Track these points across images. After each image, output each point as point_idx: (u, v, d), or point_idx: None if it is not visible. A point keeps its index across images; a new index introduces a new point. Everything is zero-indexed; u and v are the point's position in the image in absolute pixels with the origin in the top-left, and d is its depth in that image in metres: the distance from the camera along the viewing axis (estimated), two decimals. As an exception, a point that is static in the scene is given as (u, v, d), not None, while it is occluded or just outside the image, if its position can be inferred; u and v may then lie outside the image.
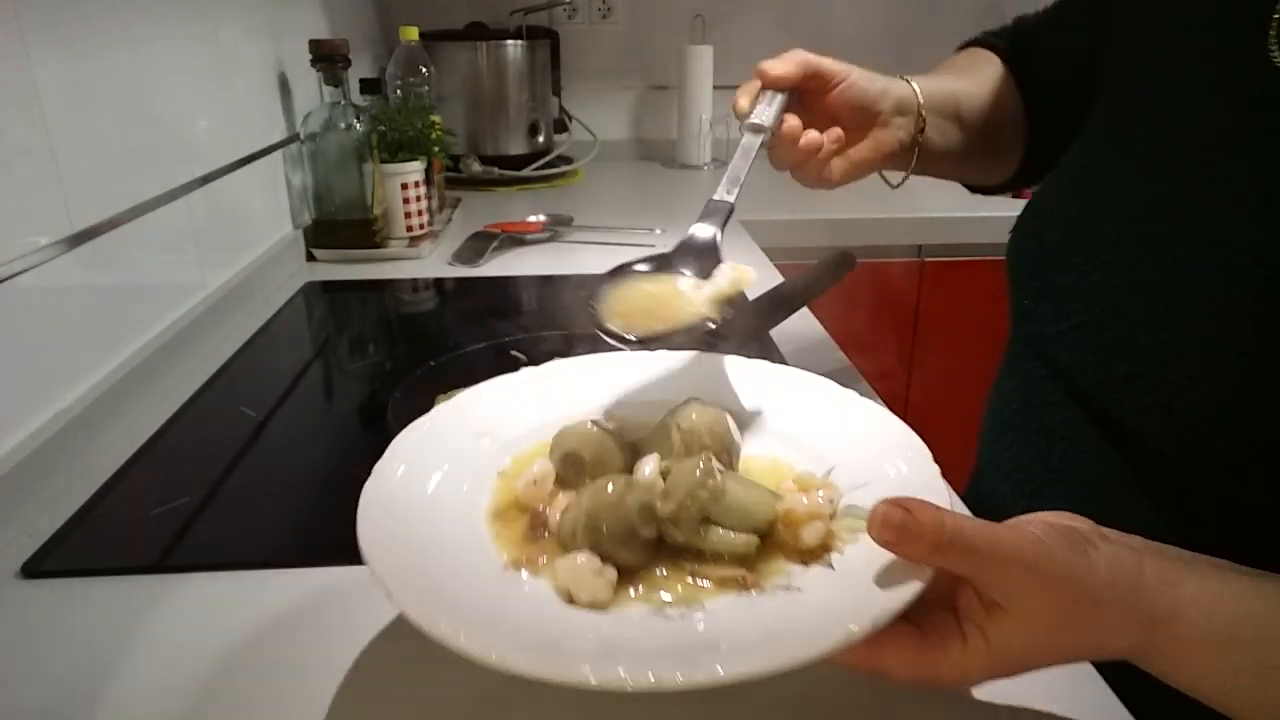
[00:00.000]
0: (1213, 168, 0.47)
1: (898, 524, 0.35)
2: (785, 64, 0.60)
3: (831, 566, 0.41)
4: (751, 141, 0.59)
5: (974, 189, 0.78)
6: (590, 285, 0.53)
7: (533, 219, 1.31)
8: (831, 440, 0.50)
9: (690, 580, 0.42)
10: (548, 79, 1.77)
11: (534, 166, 1.70)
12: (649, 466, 0.45)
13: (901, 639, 0.36)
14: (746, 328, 0.78)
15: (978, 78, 0.70)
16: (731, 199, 0.57)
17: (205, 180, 0.93)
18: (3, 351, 0.60)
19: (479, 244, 1.21)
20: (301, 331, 0.98)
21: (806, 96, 0.62)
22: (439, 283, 1.12)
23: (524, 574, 0.42)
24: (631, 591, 0.41)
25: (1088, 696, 0.44)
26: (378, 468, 0.45)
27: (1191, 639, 0.35)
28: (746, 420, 0.54)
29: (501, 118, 1.70)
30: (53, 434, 0.62)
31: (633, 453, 0.49)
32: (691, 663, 0.33)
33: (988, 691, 0.44)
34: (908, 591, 0.35)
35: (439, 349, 0.68)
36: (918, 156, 0.66)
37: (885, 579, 0.36)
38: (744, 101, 0.60)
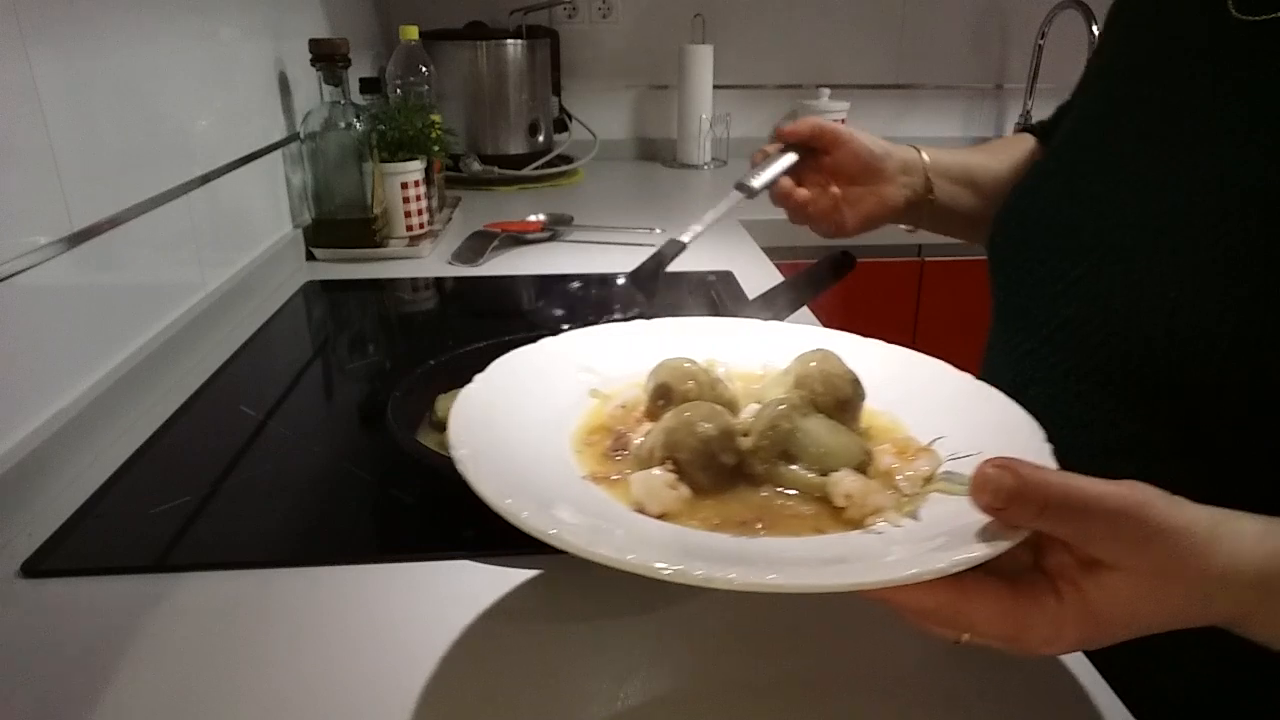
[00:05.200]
0: (1185, 113, 0.51)
1: (1009, 490, 0.32)
2: (799, 124, 0.72)
3: (917, 518, 0.39)
4: (735, 197, 0.71)
5: None
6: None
7: (533, 218, 1.31)
8: (947, 414, 0.48)
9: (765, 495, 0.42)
10: (548, 79, 1.77)
11: (534, 166, 1.70)
12: (751, 407, 0.46)
13: (990, 590, 0.33)
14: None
15: (1002, 154, 0.77)
16: (686, 240, 0.71)
17: (205, 180, 0.93)
18: (2, 351, 0.60)
19: (479, 243, 1.21)
20: (301, 331, 0.98)
21: (817, 155, 0.72)
22: (439, 282, 1.12)
23: (599, 488, 0.42)
24: (704, 514, 0.40)
25: (1089, 698, 0.44)
26: (479, 376, 0.46)
27: None
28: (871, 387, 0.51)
29: (501, 117, 1.70)
30: (52, 434, 0.62)
31: (727, 398, 0.48)
32: (747, 569, 0.32)
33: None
34: (995, 546, 0.33)
35: (439, 348, 0.68)
36: (930, 214, 0.75)
37: (971, 532, 0.34)
38: (757, 158, 0.72)
